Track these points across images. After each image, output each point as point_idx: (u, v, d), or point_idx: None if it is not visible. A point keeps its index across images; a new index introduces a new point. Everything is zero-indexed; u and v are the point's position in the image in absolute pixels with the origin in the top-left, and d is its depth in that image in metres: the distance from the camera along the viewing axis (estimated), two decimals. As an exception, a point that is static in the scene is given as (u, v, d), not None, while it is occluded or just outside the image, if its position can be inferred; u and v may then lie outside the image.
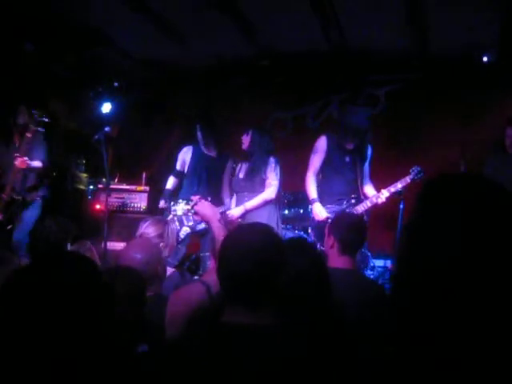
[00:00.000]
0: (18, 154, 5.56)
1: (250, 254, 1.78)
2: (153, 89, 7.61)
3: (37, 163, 5.73)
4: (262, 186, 5.50)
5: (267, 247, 1.82)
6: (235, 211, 5.45)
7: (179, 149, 6.04)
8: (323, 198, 5.38)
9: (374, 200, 5.26)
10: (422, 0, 5.14)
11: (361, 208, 5.29)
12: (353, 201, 5.36)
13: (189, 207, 4.22)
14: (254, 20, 5.74)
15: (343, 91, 7.35)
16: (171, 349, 1.82)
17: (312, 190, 5.38)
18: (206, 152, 5.90)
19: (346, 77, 7.14)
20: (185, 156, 5.95)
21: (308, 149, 5.69)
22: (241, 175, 5.63)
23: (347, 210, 5.21)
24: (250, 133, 5.60)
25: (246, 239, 1.84)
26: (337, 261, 3.13)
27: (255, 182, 5.51)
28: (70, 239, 3.88)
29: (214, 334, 1.75)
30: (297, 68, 7.07)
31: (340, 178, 5.40)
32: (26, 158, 5.57)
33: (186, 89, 7.52)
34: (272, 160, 5.54)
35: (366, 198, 5.39)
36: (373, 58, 6.70)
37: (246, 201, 5.48)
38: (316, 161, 5.46)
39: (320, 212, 5.27)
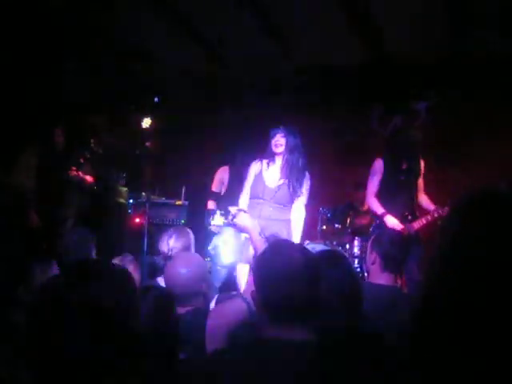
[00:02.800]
0: (74, 168, 5.67)
1: (290, 276, 1.79)
2: (193, 104, 7.68)
3: (89, 177, 5.85)
4: (289, 199, 5.02)
5: (306, 267, 1.82)
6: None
7: (215, 168, 6.06)
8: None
9: (430, 218, 5.20)
10: (466, 14, 5.09)
11: (416, 225, 5.25)
12: (409, 217, 5.30)
13: (224, 220, 4.19)
14: (290, 35, 5.77)
15: (383, 105, 7.31)
16: (211, 361, 1.84)
17: (378, 207, 5.33)
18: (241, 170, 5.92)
19: (387, 90, 7.09)
20: (222, 176, 5.97)
21: (347, 163, 5.68)
22: (270, 184, 5.06)
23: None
24: (284, 133, 4.99)
25: (285, 260, 1.83)
26: (378, 277, 3.11)
27: (288, 193, 5.01)
28: (91, 250, 3.93)
29: (256, 349, 1.76)
30: (335, 82, 7.06)
31: (396, 198, 5.35)
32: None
33: (225, 104, 7.58)
34: (308, 176, 5.12)
35: (425, 213, 5.32)
36: (414, 72, 6.65)
37: (271, 211, 4.97)
38: (374, 183, 5.41)
39: (395, 223, 5.20)
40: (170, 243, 3.80)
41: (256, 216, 4.94)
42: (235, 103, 7.53)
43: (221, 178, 6.00)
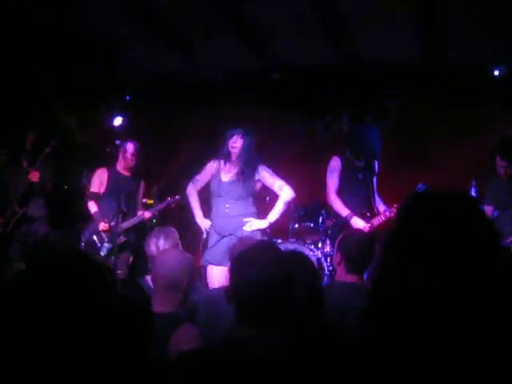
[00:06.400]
0: (32, 168, 5.57)
1: (264, 283, 1.80)
2: (163, 103, 7.64)
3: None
4: (244, 193, 5.12)
5: (281, 274, 1.84)
6: (260, 224, 5.08)
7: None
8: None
9: (388, 214, 5.27)
10: (434, 14, 5.15)
11: (376, 221, 5.32)
12: (368, 214, 5.38)
13: None
14: (262, 34, 5.76)
15: (353, 104, 7.34)
16: (181, 361, 1.82)
17: (342, 208, 5.34)
18: (121, 172, 5.95)
19: (357, 90, 7.13)
20: (101, 177, 5.95)
21: (319, 162, 5.69)
22: (224, 179, 5.15)
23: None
24: (242, 134, 5.13)
25: (259, 267, 1.83)
26: (344, 276, 3.13)
27: (241, 187, 5.10)
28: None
29: (227, 348, 1.77)
30: (307, 81, 7.07)
31: (354, 196, 5.42)
32: (38, 173, 5.59)
33: (196, 103, 7.54)
34: (261, 167, 5.21)
35: (378, 212, 5.42)
36: (384, 71, 6.70)
37: (227, 208, 5.08)
38: (334, 181, 5.43)
39: (360, 225, 5.23)
40: (159, 245, 3.82)
41: (215, 214, 5.17)
42: (206, 103, 7.49)
43: (100, 178, 5.97)
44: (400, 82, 6.92)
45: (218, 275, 4.78)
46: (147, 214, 5.80)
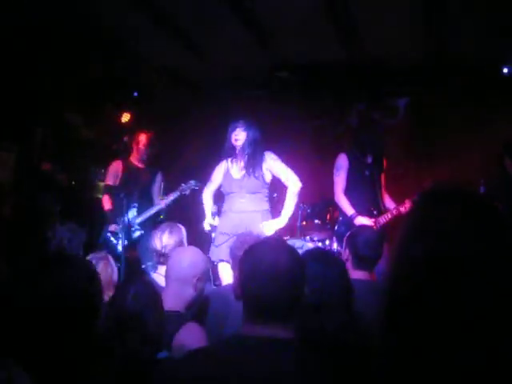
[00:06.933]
0: (43, 161, 5.67)
1: (274, 278, 1.77)
2: (172, 99, 7.63)
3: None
4: (259, 186, 5.02)
5: (292, 269, 1.80)
6: (278, 223, 4.97)
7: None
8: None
9: (395, 212, 5.27)
10: (441, 12, 5.13)
11: (382, 219, 5.32)
12: (375, 212, 5.39)
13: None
14: (269, 32, 5.74)
15: (361, 102, 7.33)
16: (186, 362, 1.82)
17: (348, 207, 5.35)
18: (135, 164, 5.98)
19: (365, 88, 7.11)
20: (116, 169, 5.97)
21: (326, 159, 5.68)
22: (236, 176, 5.09)
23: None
24: (245, 126, 5.06)
25: (270, 261, 1.80)
26: (352, 273, 3.12)
27: (255, 180, 5.00)
28: (81, 246, 3.92)
29: (234, 346, 1.75)
30: (315, 79, 7.05)
31: (361, 193, 5.43)
32: (49, 165, 5.68)
33: (205, 100, 7.53)
34: (269, 152, 5.10)
35: (386, 210, 5.40)
36: (391, 69, 6.68)
37: (243, 203, 4.98)
38: (341, 179, 5.45)
39: (365, 223, 5.20)
40: (163, 240, 3.81)
41: (228, 209, 5.07)
42: (214, 100, 7.48)
43: (115, 171, 6.00)
44: (407, 79, 6.90)
45: (230, 272, 4.76)
46: (163, 203, 5.80)
